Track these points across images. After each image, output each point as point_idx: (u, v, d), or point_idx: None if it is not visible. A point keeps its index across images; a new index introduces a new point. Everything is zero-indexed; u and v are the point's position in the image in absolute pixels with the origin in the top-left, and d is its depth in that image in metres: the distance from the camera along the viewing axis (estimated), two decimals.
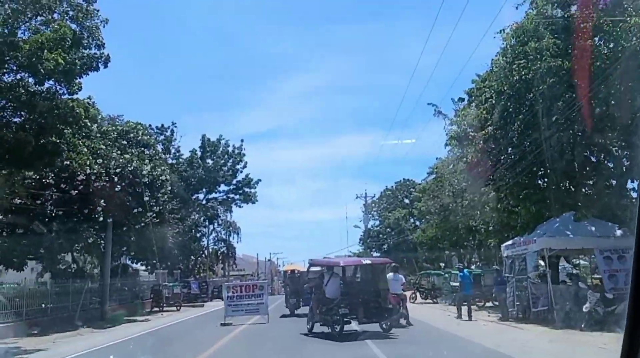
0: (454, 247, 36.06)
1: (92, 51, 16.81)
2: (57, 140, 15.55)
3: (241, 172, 48.27)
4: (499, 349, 10.98)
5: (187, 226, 40.14)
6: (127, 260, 34.63)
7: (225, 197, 49.37)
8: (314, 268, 19.24)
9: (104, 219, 22.44)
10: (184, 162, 45.17)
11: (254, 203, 49.32)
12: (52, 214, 20.98)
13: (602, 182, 17.67)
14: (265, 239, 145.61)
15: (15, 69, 14.55)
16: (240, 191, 48.81)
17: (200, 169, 46.24)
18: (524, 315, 16.75)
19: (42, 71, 13.92)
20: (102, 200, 21.41)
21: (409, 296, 22.99)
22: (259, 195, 49.88)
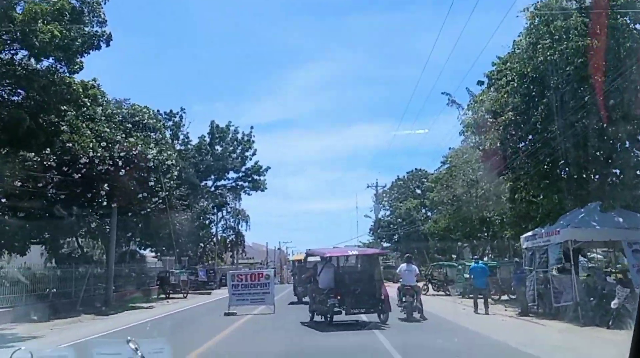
0: (467, 238, 35.20)
1: (93, 29, 16.29)
2: (55, 119, 14.90)
3: (250, 159, 47.80)
4: (526, 349, 10.00)
5: (195, 213, 39.64)
6: (135, 246, 34.28)
7: (234, 184, 48.91)
8: (312, 258, 18.81)
9: (108, 203, 21.85)
10: (193, 148, 44.60)
11: (262, 190, 48.89)
12: (54, 198, 20.44)
13: (631, 171, 16.63)
14: (275, 228, 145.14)
15: (8, 42, 13.81)
16: (249, 179, 48.29)
17: (209, 156, 45.73)
18: (544, 310, 15.87)
19: (37, 44, 13.15)
20: (106, 184, 20.87)
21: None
22: (270, 185, 49.50)
